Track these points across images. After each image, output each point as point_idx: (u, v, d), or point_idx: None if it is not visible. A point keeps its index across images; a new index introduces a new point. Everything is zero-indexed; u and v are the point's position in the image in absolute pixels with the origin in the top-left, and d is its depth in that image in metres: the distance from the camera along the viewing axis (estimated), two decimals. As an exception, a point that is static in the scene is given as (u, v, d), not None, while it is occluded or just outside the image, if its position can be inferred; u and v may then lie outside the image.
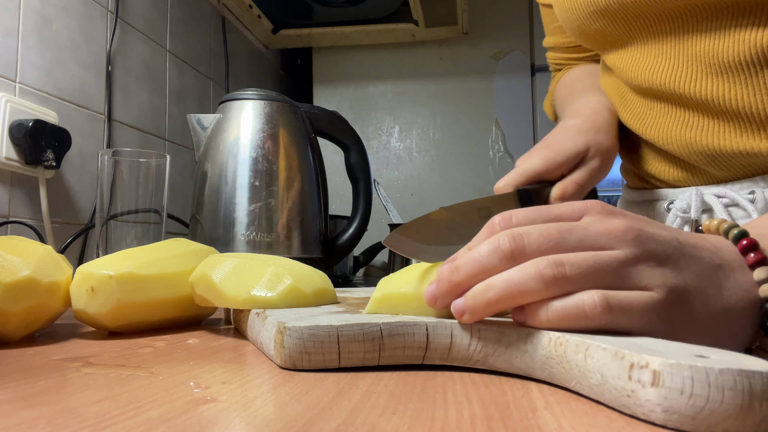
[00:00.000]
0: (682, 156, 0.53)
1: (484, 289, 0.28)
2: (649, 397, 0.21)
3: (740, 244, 0.30)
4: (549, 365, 0.27)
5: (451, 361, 0.31)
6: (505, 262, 0.28)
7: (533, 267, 0.27)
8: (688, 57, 0.49)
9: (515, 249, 0.28)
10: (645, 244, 0.28)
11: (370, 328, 0.30)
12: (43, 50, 0.86)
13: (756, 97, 0.46)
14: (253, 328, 0.37)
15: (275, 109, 0.88)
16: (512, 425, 0.21)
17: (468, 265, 0.29)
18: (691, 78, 0.49)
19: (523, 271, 0.28)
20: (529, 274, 0.27)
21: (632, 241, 0.28)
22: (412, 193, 1.76)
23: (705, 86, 0.48)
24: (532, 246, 0.28)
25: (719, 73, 0.47)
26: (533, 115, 1.77)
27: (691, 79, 0.49)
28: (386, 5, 1.54)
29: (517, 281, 0.27)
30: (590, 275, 0.27)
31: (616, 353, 0.23)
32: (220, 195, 0.84)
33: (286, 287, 0.39)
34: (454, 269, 0.30)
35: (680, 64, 0.50)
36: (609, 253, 0.28)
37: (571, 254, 0.28)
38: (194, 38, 1.34)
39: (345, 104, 1.81)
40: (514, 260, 0.28)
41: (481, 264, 0.29)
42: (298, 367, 0.30)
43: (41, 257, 0.41)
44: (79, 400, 0.24)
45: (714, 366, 0.20)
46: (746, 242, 0.29)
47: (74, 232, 0.89)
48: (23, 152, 0.79)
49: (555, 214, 0.30)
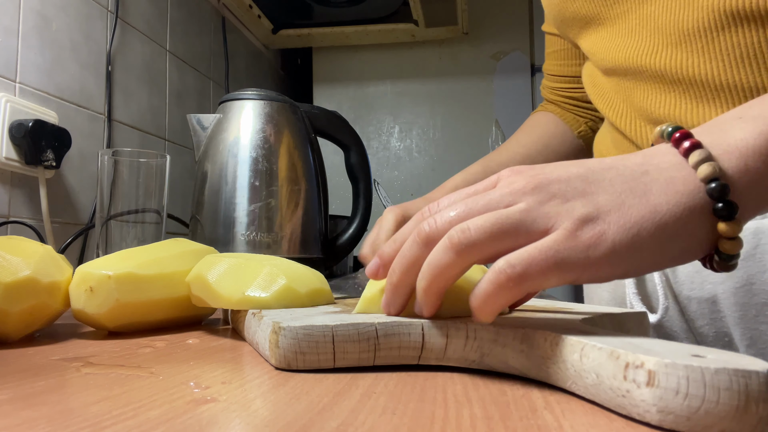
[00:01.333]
0: (644, 144, 0.53)
1: (419, 281, 0.29)
2: (645, 397, 0.21)
3: (673, 138, 0.28)
4: (545, 365, 0.27)
5: (446, 361, 0.30)
6: (424, 248, 0.29)
7: (444, 241, 0.28)
8: (651, 31, 0.49)
9: (429, 233, 0.29)
10: (546, 188, 0.28)
11: (365, 328, 0.30)
12: (43, 50, 0.86)
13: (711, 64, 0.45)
14: (249, 328, 0.37)
15: (275, 109, 0.88)
16: (512, 425, 0.21)
17: (397, 263, 0.30)
18: (652, 50, 0.49)
19: (437, 248, 0.28)
20: (442, 249, 0.28)
21: (533, 190, 0.28)
22: (412, 193, 1.75)
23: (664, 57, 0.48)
24: (444, 224, 0.29)
25: (678, 42, 0.47)
26: (533, 115, 1.76)
27: (652, 51, 0.49)
28: (386, 5, 1.54)
29: (435, 260, 0.28)
30: (495, 234, 0.27)
31: (612, 353, 0.23)
32: (220, 195, 0.84)
33: (280, 287, 0.39)
34: (391, 272, 0.31)
35: (643, 39, 0.50)
36: (511, 208, 0.27)
37: (475, 218, 0.28)
38: (194, 38, 1.34)
39: (345, 104, 1.81)
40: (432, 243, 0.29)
41: (406, 258, 0.30)
42: (292, 368, 0.30)
43: (41, 257, 0.41)
44: (79, 400, 0.24)
45: (710, 366, 0.20)
46: (679, 134, 0.28)
47: (74, 232, 0.89)
48: (23, 152, 0.79)
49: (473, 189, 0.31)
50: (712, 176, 0.26)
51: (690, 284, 0.51)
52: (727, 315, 0.49)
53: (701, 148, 0.27)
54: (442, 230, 0.29)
